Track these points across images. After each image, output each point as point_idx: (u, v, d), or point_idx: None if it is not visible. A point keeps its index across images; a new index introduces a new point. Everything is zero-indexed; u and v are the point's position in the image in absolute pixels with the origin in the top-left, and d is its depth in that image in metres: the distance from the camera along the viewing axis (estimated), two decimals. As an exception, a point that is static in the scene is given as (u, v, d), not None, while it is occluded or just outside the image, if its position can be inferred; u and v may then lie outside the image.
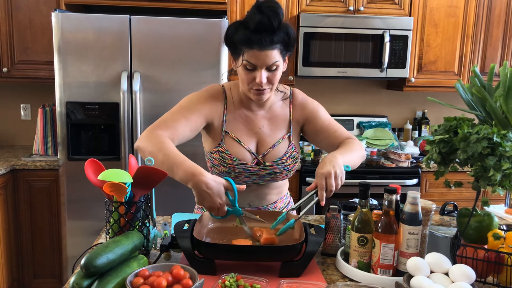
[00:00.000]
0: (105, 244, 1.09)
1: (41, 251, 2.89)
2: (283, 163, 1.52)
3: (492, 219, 1.17)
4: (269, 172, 1.52)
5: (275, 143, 1.53)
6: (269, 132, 1.54)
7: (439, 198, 3.07)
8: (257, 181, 1.53)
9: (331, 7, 3.09)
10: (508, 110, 1.12)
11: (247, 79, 1.41)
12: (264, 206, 1.59)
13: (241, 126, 1.52)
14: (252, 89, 1.42)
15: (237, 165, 1.49)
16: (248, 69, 1.39)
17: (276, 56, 1.37)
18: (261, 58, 1.35)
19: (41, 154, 2.95)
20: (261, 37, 1.33)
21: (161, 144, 1.34)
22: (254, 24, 1.33)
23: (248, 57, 1.36)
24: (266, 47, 1.34)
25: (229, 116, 1.52)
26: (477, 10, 3.22)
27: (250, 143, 1.52)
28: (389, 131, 3.35)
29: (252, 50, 1.35)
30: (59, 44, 2.55)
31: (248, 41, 1.34)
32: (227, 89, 1.55)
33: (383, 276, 1.16)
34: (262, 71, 1.37)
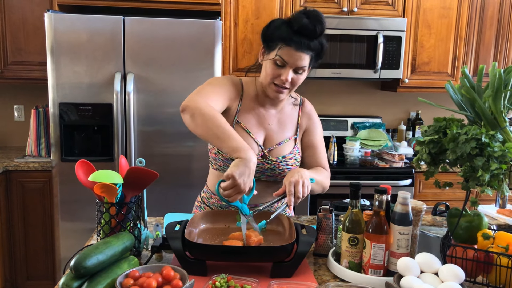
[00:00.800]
0: (95, 245, 1.09)
1: (34, 253, 2.87)
2: (286, 162, 1.57)
3: (482, 219, 1.18)
4: (272, 167, 1.55)
5: (281, 141, 1.59)
6: (277, 130, 1.60)
7: (433, 198, 3.08)
8: (258, 175, 1.55)
9: (325, 8, 3.10)
10: (497, 111, 1.13)
11: (273, 74, 1.47)
12: (260, 204, 1.58)
13: (252, 119, 1.57)
14: (273, 84, 1.48)
15: None
16: (277, 65, 1.45)
17: (306, 61, 1.45)
18: (294, 58, 1.42)
19: (34, 155, 2.94)
20: (301, 39, 1.41)
21: (214, 111, 1.35)
22: (298, 25, 1.40)
23: (282, 53, 1.43)
24: (302, 49, 1.42)
25: (242, 106, 1.57)
26: (470, 11, 3.23)
27: (258, 136, 1.57)
28: (383, 131, 3.36)
29: (288, 48, 1.42)
30: (52, 44, 2.54)
31: (288, 39, 1.41)
32: (244, 82, 1.61)
33: (374, 277, 1.17)
34: (290, 70, 1.44)
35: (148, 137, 2.68)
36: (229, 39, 3.05)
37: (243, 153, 1.25)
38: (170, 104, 2.66)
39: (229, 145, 1.28)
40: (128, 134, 2.63)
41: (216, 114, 1.34)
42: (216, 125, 1.31)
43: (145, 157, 2.60)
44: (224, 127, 1.31)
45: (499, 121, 1.15)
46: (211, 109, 1.35)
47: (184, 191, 2.73)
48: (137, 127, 2.65)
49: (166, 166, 2.69)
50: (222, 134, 1.30)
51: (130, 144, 2.63)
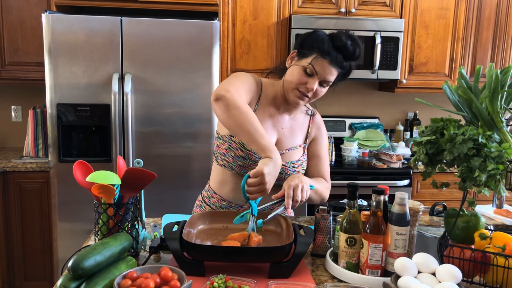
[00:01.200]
0: (93, 246, 1.09)
1: (32, 254, 2.87)
2: (294, 168, 1.59)
3: (479, 219, 1.18)
4: (280, 171, 1.53)
5: (291, 147, 1.61)
6: (289, 136, 1.62)
7: (431, 198, 3.09)
8: None
9: (322, 9, 3.10)
10: (494, 111, 1.13)
11: (300, 80, 1.49)
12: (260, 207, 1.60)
13: (267, 120, 1.58)
14: (297, 90, 1.50)
15: (255, 154, 1.52)
16: (306, 73, 1.48)
17: (334, 77, 1.49)
18: (325, 70, 1.46)
19: (32, 156, 2.93)
20: (337, 55, 1.45)
21: (247, 108, 1.37)
22: (340, 43, 1.45)
23: (315, 63, 1.46)
24: (335, 65, 1.46)
25: (259, 107, 1.58)
26: (467, 12, 3.24)
27: (271, 138, 1.57)
28: (380, 132, 3.37)
29: (323, 60, 1.45)
30: (50, 45, 2.54)
31: (326, 51, 1.45)
32: (263, 83, 1.63)
33: (372, 277, 1.17)
34: (317, 81, 1.48)
35: (146, 137, 2.68)
36: (227, 40, 3.05)
37: (273, 154, 1.28)
38: (168, 105, 2.66)
39: (260, 142, 1.30)
40: (126, 135, 2.63)
41: (250, 110, 1.37)
42: (249, 121, 1.33)
43: (143, 157, 2.60)
44: (257, 125, 1.33)
45: (496, 121, 1.15)
46: (245, 104, 1.37)
47: (182, 191, 2.73)
48: (135, 127, 2.65)
49: (164, 166, 2.69)
50: (255, 131, 1.32)
51: (128, 144, 2.63)
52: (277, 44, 3.09)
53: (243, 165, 1.54)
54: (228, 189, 1.61)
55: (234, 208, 1.60)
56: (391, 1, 3.17)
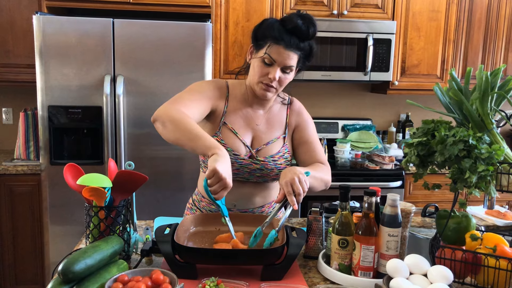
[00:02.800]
0: (83, 249, 1.08)
1: (22, 257, 2.84)
2: (275, 161, 1.55)
3: (470, 221, 1.19)
4: (260, 167, 1.54)
5: (269, 141, 1.58)
6: (265, 130, 1.59)
7: (423, 200, 3.10)
8: (247, 176, 1.55)
9: (315, 11, 3.11)
10: (484, 113, 1.14)
11: (261, 73, 1.47)
12: (250, 209, 1.58)
13: (239, 120, 1.57)
14: (261, 83, 1.48)
15: (230, 156, 1.49)
16: (265, 63, 1.45)
17: (294, 61, 1.45)
18: (282, 56, 1.43)
19: (23, 158, 2.91)
20: (291, 38, 1.42)
21: (183, 115, 1.35)
22: (291, 25, 1.41)
23: (271, 51, 1.43)
24: (292, 48, 1.42)
25: (229, 108, 1.57)
26: (458, 14, 3.27)
27: (245, 137, 1.56)
28: (373, 133, 3.38)
29: (277, 46, 1.42)
30: (41, 47, 2.52)
31: (279, 37, 1.41)
32: (230, 84, 1.61)
33: (364, 278, 1.17)
34: (278, 69, 1.45)
35: (138, 139, 2.66)
36: (219, 42, 3.05)
37: (218, 149, 1.25)
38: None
39: (202, 144, 1.28)
40: (118, 137, 2.61)
41: (184, 117, 1.34)
42: (186, 128, 1.31)
43: (135, 159, 2.59)
44: (194, 129, 1.30)
45: (486, 123, 1.16)
46: (180, 114, 1.35)
47: (174, 194, 2.72)
48: (127, 129, 2.64)
49: (156, 169, 2.68)
50: (194, 136, 1.29)
51: (120, 147, 2.62)
52: (269, 46, 3.08)
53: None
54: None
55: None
56: (383, 3, 3.18)
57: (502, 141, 1.17)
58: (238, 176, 1.54)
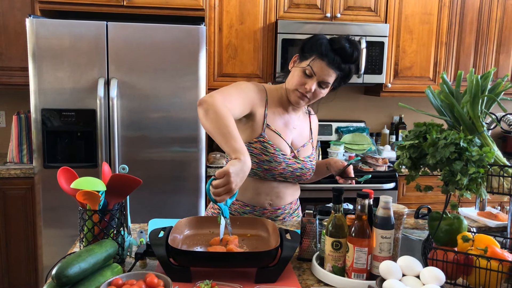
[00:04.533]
0: (77, 253, 1.08)
1: (16, 261, 2.82)
2: (311, 161, 1.71)
3: (462, 222, 1.20)
4: (301, 166, 1.66)
5: (304, 143, 1.72)
6: (300, 134, 1.72)
7: (416, 201, 3.12)
8: (289, 175, 1.65)
9: (308, 14, 3.13)
10: (475, 116, 1.15)
11: (299, 81, 1.57)
12: (282, 206, 1.70)
13: (279, 123, 1.66)
14: (297, 91, 1.58)
15: (279, 155, 1.61)
16: (305, 74, 1.55)
17: (332, 78, 1.56)
18: (323, 71, 1.53)
19: (16, 162, 2.90)
20: (335, 57, 1.52)
21: (227, 112, 1.38)
22: (338, 46, 1.52)
23: (313, 65, 1.53)
24: (334, 66, 1.53)
25: (269, 110, 1.64)
26: (450, 17, 3.30)
27: (287, 138, 1.67)
28: (366, 135, 3.40)
29: (321, 61, 1.52)
30: (34, 50, 2.51)
31: (324, 53, 1.52)
32: (267, 88, 1.69)
33: (357, 280, 1.18)
34: (315, 81, 1.55)
35: (132, 142, 2.66)
36: (213, 45, 3.05)
37: (242, 156, 1.27)
38: (154, 110, 2.65)
39: (231, 144, 1.31)
40: (111, 140, 2.61)
41: (228, 114, 1.38)
42: (224, 124, 1.34)
43: (129, 162, 2.59)
44: (232, 128, 1.34)
45: (477, 126, 1.17)
46: (225, 109, 1.39)
47: (169, 196, 2.72)
48: (121, 132, 2.64)
49: (150, 171, 2.68)
50: (228, 133, 1.33)
51: (114, 150, 2.61)
52: (263, 48, 3.10)
53: (269, 168, 1.60)
54: (250, 194, 1.65)
55: (258, 212, 1.67)
56: (376, 6, 3.21)
57: (493, 143, 1.19)
58: (280, 176, 1.64)
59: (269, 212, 1.68)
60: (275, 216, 1.69)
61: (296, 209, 1.79)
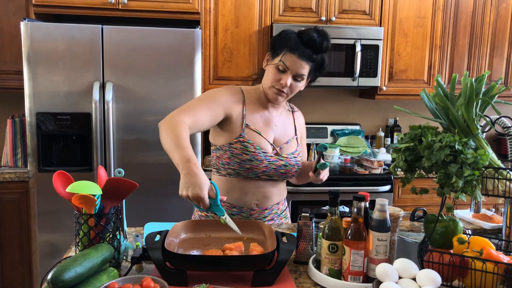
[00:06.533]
0: (73, 257, 1.07)
1: (10, 266, 2.80)
2: (295, 157, 1.70)
3: (457, 224, 1.21)
4: (284, 163, 1.66)
5: (288, 140, 1.72)
6: (282, 131, 1.72)
7: (412, 203, 3.13)
8: (273, 172, 1.65)
9: (303, 17, 3.14)
10: (469, 119, 1.16)
11: (274, 78, 1.58)
12: (270, 206, 1.70)
13: (260, 121, 1.66)
14: (273, 88, 1.60)
15: (260, 153, 1.61)
16: (279, 70, 1.57)
17: (306, 70, 1.57)
18: (295, 65, 1.54)
19: (10, 166, 2.88)
20: (305, 49, 1.53)
21: (177, 126, 1.40)
22: (307, 37, 1.53)
23: (285, 59, 1.55)
24: (305, 58, 1.54)
25: (247, 111, 1.65)
26: (444, 21, 3.32)
27: (268, 136, 1.67)
28: (362, 138, 3.41)
29: (292, 55, 1.54)
30: (29, 53, 2.51)
31: (294, 47, 1.53)
32: (244, 89, 1.70)
33: (354, 283, 1.18)
34: (290, 76, 1.56)
35: (127, 146, 2.65)
36: (209, 48, 3.06)
37: (183, 164, 1.28)
38: (150, 113, 2.65)
39: (174, 157, 1.32)
40: (107, 144, 2.60)
41: (178, 128, 1.38)
42: (173, 139, 1.36)
43: (125, 166, 2.58)
44: (174, 141, 1.35)
45: (472, 128, 1.18)
46: (176, 125, 1.40)
47: (165, 200, 2.71)
48: (116, 136, 2.63)
49: (146, 175, 2.67)
50: (171, 150, 1.34)
51: (109, 153, 2.60)
52: (259, 52, 3.11)
53: (251, 167, 1.60)
54: (237, 195, 1.65)
55: (246, 213, 1.66)
56: (371, 9, 3.23)
57: (487, 146, 1.19)
58: (264, 174, 1.63)
59: (256, 213, 1.67)
60: (263, 217, 1.68)
61: (284, 210, 1.79)
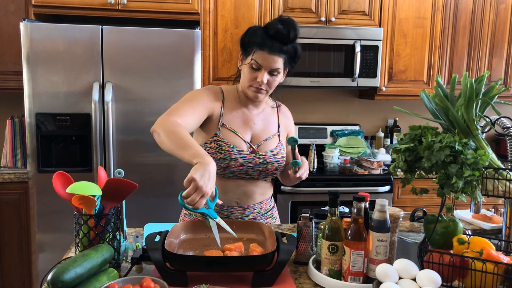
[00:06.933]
0: (73, 258, 1.07)
1: (9, 267, 2.80)
2: (274, 155, 1.66)
3: (457, 225, 1.21)
4: (262, 161, 1.64)
5: (267, 138, 1.69)
6: (262, 129, 1.69)
7: (412, 204, 3.13)
8: (251, 171, 1.63)
9: (303, 18, 3.14)
10: (469, 119, 1.16)
11: (250, 77, 1.57)
12: (251, 205, 1.67)
13: (237, 120, 1.65)
14: (251, 87, 1.59)
15: (234, 152, 1.59)
16: (253, 68, 1.56)
17: (280, 64, 1.55)
18: (268, 61, 1.53)
19: (10, 166, 2.88)
20: (274, 43, 1.51)
21: (176, 127, 1.40)
22: (273, 31, 1.51)
23: (256, 57, 1.53)
24: (275, 52, 1.52)
25: (226, 110, 1.64)
26: (443, 21, 3.32)
27: (245, 135, 1.65)
28: (361, 139, 3.41)
29: (262, 52, 1.52)
30: (28, 54, 2.50)
31: (262, 43, 1.52)
32: (224, 89, 1.70)
33: (354, 284, 1.18)
34: (265, 72, 1.55)
35: (127, 146, 2.65)
36: (208, 49, 3.06)
37: (202, 158, 1.28)
38: (150, 113, 2.65)
39: (188, 152, 1.32)
40: (107, 144, 2.60)
41: (177, 128, 1.40)
42: (177, 138, 1.36)
43: (125, 166, 2.58)
44: (185, 138, 1.36)
45: (472, 129, 1.18)
46: (174, 124, 1.41)
47: (164, 200, 2.71)
48: (116, 136, 2.63)
49: (146, 175, 2.67)
50: (183, 144, 1.34)
51: (109, 154, 2.60)
52: (258, 52, 3.10)
53: (226, 166, 1.59)
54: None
55: (226, 211, 1.64)
56: (370, 10, 3.23)
57: (487, 146, 1.20)
58: (241, 173, 1.62)
59: (237, 212, 1.65)
60: (244, 216, 1.65)
61: (269, 210, 1.75)
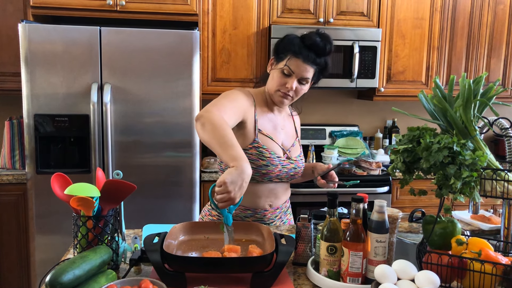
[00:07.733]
0: (71, 259, 1.07)
1: (8, 268, 2.79)
2: (302, 159, 1.76)
3: (456, 226, 1.21)
4: (294, 166, 1.71)
5: (293, 143, 1.77)
6: (288, 134, 1.77)
7: (410, 205, 3.13)
8: (285, 175, 1.69)
9: (301, 19, 3.14)
10: (467, 120, 1.16)
11: (279, 82, 1.61)
12: (280, 205, 1.75)
13: (268, 125, 1.69)
14: (279, 91, 1.63)
15: (275, 158, 1.64)
16: (284, 74, 1.60)
17: (310, 73, 1.61)
18: (300, 69, 1.58)
19: (8, 168, 2.87)
20: (309, 53, 1.57)
21: (224, 123, 1.40)
22: (310, 41, 1.57)
23: (290, 64, 1.58)
24: (309, 62, 1.58)
25: (258, 115, 1.67)
26: (441, 22, 3.33)
27: (278, 141, 1.71)
28: (360, 139, 3.41)
29: (296, 59, 1.57)
30: (27, 55, 2.50)
31: (298, 51, 1.57)
32: (252, 92, 1.72)
33: (353, 285, 1.18)
34: (295, 79, 1.60)
35: (125, 148, 2.65)
36: (207, 49, 3.06)
37: (239, 163, 1.27)
38: (148, 114, 2.65)
39: (229, 153, 1.31)
40: (105, 145, 2.60)
41: (224, 124, 1.39)
42: (221, 134, 1.35)
43: (123, 168, 2.58)
44: (229, 137, 1.35)
45: (470, 130, 1.18)
46: (221, 120, 1.41)
47: (163, 202, 2.71)
48: (114, 138, 2.63)
49: (144, 176, 2.67)
50: (225, 142, 1.34)
51: (107, 155, 2.60)
52: (257, 53, 3.11)
53: (267, 172, 1.62)
54: (250, 199, 1.66)
55: (260, 214, 1.69)
56: (369, 11, 3.23)
57: (485, 147, 1.20)
58: (276, 178, 1.67)
59: (269, 213, 1.71)
60: (274, 216, 1.73)
61: (289, 207, 1.84)
